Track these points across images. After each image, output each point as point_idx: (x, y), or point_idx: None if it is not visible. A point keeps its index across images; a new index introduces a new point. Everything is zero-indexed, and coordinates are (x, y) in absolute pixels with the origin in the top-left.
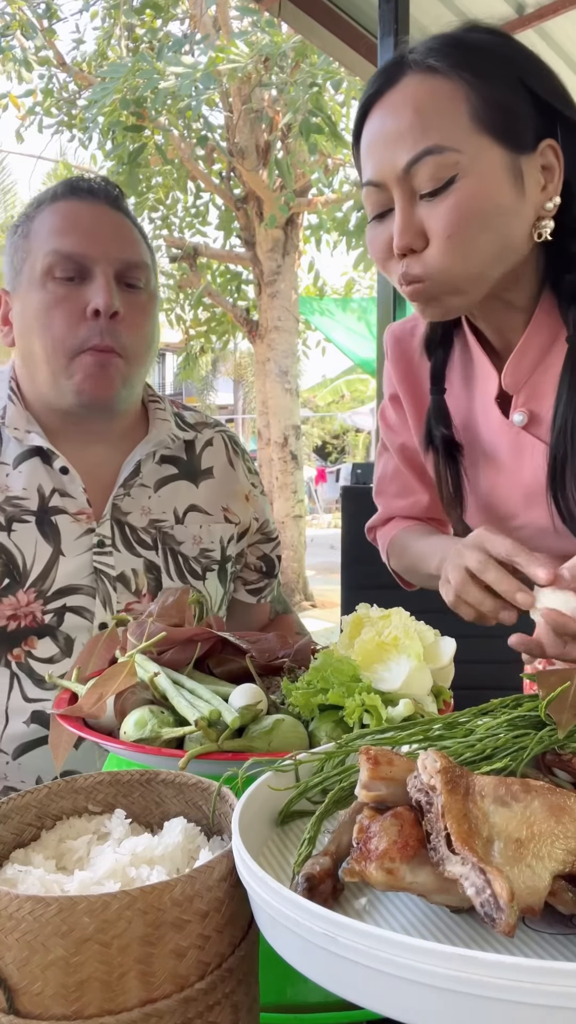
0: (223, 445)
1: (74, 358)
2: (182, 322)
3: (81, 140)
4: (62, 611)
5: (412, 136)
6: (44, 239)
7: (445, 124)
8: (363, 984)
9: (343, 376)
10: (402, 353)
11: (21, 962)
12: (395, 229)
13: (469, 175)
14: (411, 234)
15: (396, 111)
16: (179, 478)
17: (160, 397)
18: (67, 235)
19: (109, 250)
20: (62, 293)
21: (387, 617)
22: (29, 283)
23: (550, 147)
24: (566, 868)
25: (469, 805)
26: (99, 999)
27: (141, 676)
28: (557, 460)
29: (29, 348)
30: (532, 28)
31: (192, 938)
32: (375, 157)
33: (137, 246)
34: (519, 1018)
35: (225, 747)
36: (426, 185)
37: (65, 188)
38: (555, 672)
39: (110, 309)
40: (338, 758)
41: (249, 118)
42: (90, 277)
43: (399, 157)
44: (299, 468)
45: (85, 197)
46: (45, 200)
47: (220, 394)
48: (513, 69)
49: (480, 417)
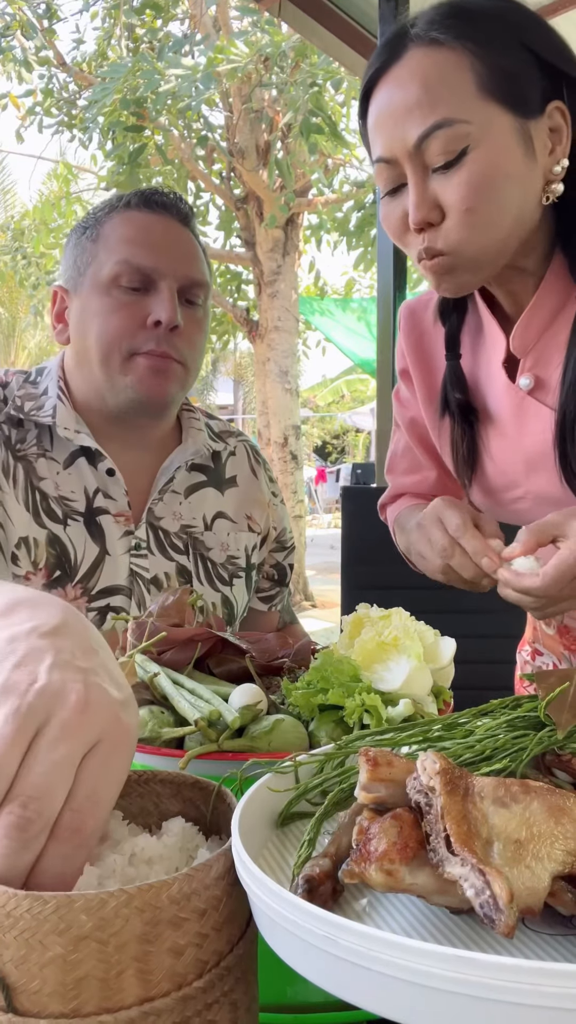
0: (245, 454)
1: (130, 359)
2: None
3: (81, 140)
4: (105, 610)
5: (421, 110)
6: (114, 247)
7: (453, 96)
8: (363, 986)
9: (343, 376)
10: (414, 325)
11: (19, 960)
12: (410, 204)
13: (481, 145)
14: (427, 208)
15: (402, 86)
16: (207, 485)
17: (193, 407)
18: (138, 246)
19: (176, 266)
20: (126, 300)
21: (387, 617)
22: (93, 286)
23: (557, 109)
24: (566, 869)
25: (468, 806)
26: (97, 997)
27: (141, 676)
28: (566, 418)
29: (84, 347)
30: None
31: (190, 936)
32: (384, 133)
33: (201, 265)
34: (519, 1019)
35: (225, 747)
36: (438, 159)
37: (139, 199)
38: (554, 672)
39: (172, 322)
40: (337, 759)
41: (249, 118)
42: (155, 290)
43: (409, 132)
44: (299, 468)
45: (158, 210)
46: (117, 206)
47: (220, 394)
48: (516, 33)
49: (485, 382)
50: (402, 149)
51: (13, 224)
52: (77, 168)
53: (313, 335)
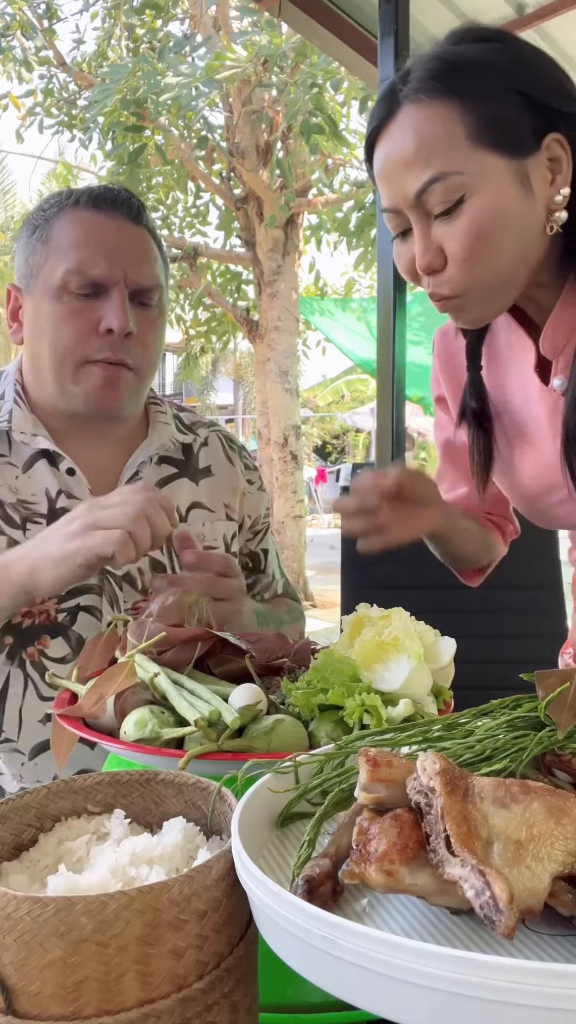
0: (219, 443)
1: (82, 367)
2: (182, 322)
3: (81, 140)
4: (75, 610)
5: (417, 165)
6: (64, 251)
7: (445, 149)
8: (363, 986)
9: (343, 376)
10: (446, 347)
11: (19, 963)
12: (416, 251)
13: (477, 192)
14: (431, 255)
15: (398, 143)
16: (180, 477)
17: (161, 400)
18: (88, 252)
19: (127, 271)
20: (77, 307)
21: (387, 617)
22: (44, 290)
23: (555, 141)
24: (566, 869)
25: (468, 807)
26: (97, 999)
27: (141, 676)
28: (571, 423)
29: (38, 352)
30: (532, 28)
31: (190, 938)
32: (387, 186)
33: (153, 266)
34: (519, 1020)
35: (225, 747)
36: (438, 208)
37: (88, 197)
38: (554, 672)
39: (124, 330)
40: (337, 759)
41: (249, 119)
42: (106, 295)
43: (408, 186)
44: (299, 468)
45: (108, 210)
46: (65, 204)
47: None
48: (504, 79)
49: (520, 391)
50: (404, 200)
51: (13, 224)
52: (77, 168)
53: (313, 335)
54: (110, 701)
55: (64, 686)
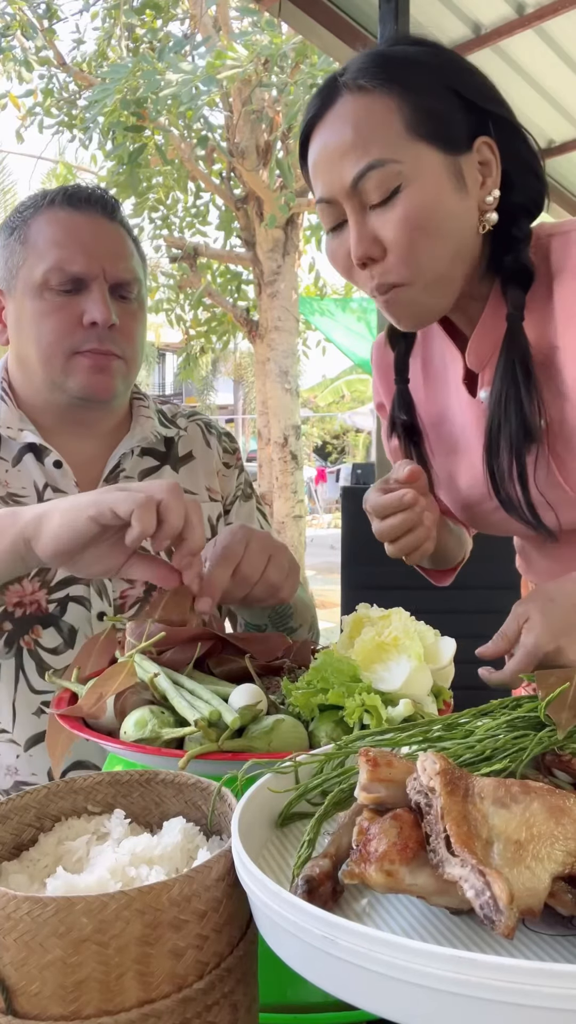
0: (198, 430)
1: (71, 358)
2: (182, 322)
3: (81, 140)
4: (65, 601)
5: (354, 153)
6: (42, 250)
7: (382, 138)
8: (363, 986)
9: (343, 376)
10: (382, 358)
11: (19, 963)
12: (351, 240)
13: (413, 182)
14: (367, 243)
15: (335, 131)
16: (162, 467)
17: (144, 395)
18: (66, 249)
19: (105, 266)
20: (59, 302)
21: (387, 617)
22: (25, 290)
23: (485, 144)
24: (565, 869)
25: (468, 807)
26: (97, 999)
27: (141, 676)
28: (492, 431)
29: (24, 351)
30: (532, 28)
31: (190, 938)
32: (323, 176)
33: (130, 261)
34: (519, 1020)
35: (225, 747)
36: (374, 197)
37: (63, 197)
38: (554, 672)
39: (108, 322)
40: (337, 760)
41: (249, 118)
42: (86, 290)
43: (345, 174)
44: (299, 468)
45: (83, 208)
46: (41, 205)
47: (220, 394)
48: (440, 76)
49: (453, 401)
50: (340, 189)
51: None
52: (77, 168)
53: (313, 335)
54: (110, 701)
55: (64, 686)
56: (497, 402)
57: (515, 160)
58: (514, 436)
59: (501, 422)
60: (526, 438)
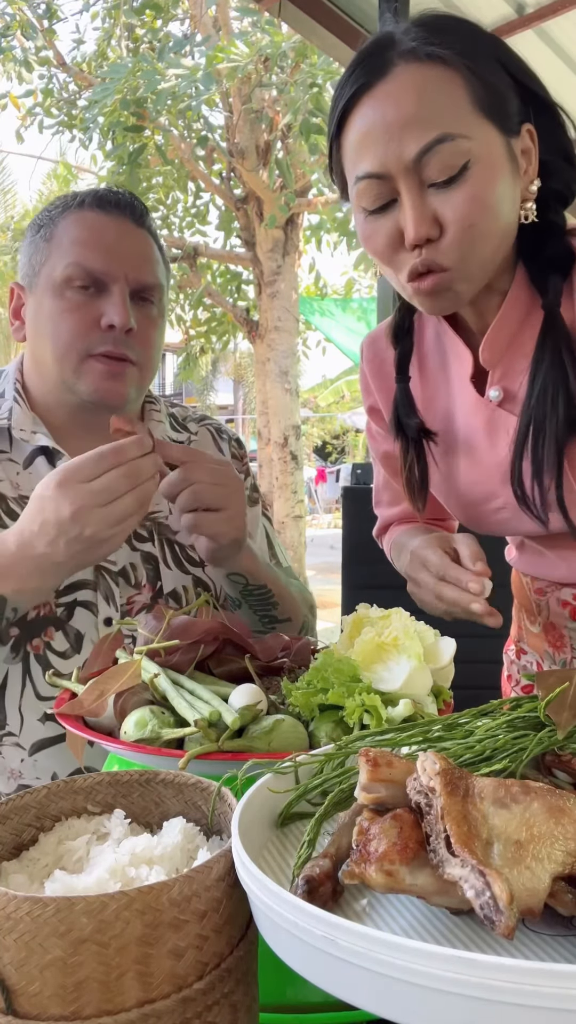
0: (208, 435)
1: (85, 361)
2: (182, 322)
3: (81, 140)
4: (72, 605)
5: (419, 125)
6: (67, 248)
7: (451, 111)
8: (363, 986)
9: (343, 376)
10: (376, 355)
11: (19, 963)
12: (408, 220)
13: (480, 162)
14: (428, 224)
15: (396, 101)
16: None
17: (156, 399)
18: (90, 249)
19: (128, 269)
20: (79, 301)
21: (387, 617)
22: (46, 287)
23: (528, 131)
24: (565, 870)
25: (468, 807)
26: (97, 999)
27: (141, 676)
28: (530, 426)
29: (40, 348)
30: (532, 28)
31: (190, 938)
32: (376, 149)
33: (155, 266)
34: (519, 1020)
35: (225, 747)
36: (438, 174)
37: (92, 199)
38: (554, 673)
39: (126, 326)
40: (337, 760)
41: (249, 118)
42: (106, 291)
43: (407, 147)
44: (299, 468)
45: (111, 211)
46: (71, 205)
47: (220, 394)
48: (494, 51)
49: (456, 400)
50: (397, 164)
51: (13, 224)
52: (77, 168)
53: (313, 335)
54: (110, 701)
55: (64, 686)
56: (542, 393)
57: (554, 147)
58: (560, 428)
59: (547, 414)
60: (570, 430)
